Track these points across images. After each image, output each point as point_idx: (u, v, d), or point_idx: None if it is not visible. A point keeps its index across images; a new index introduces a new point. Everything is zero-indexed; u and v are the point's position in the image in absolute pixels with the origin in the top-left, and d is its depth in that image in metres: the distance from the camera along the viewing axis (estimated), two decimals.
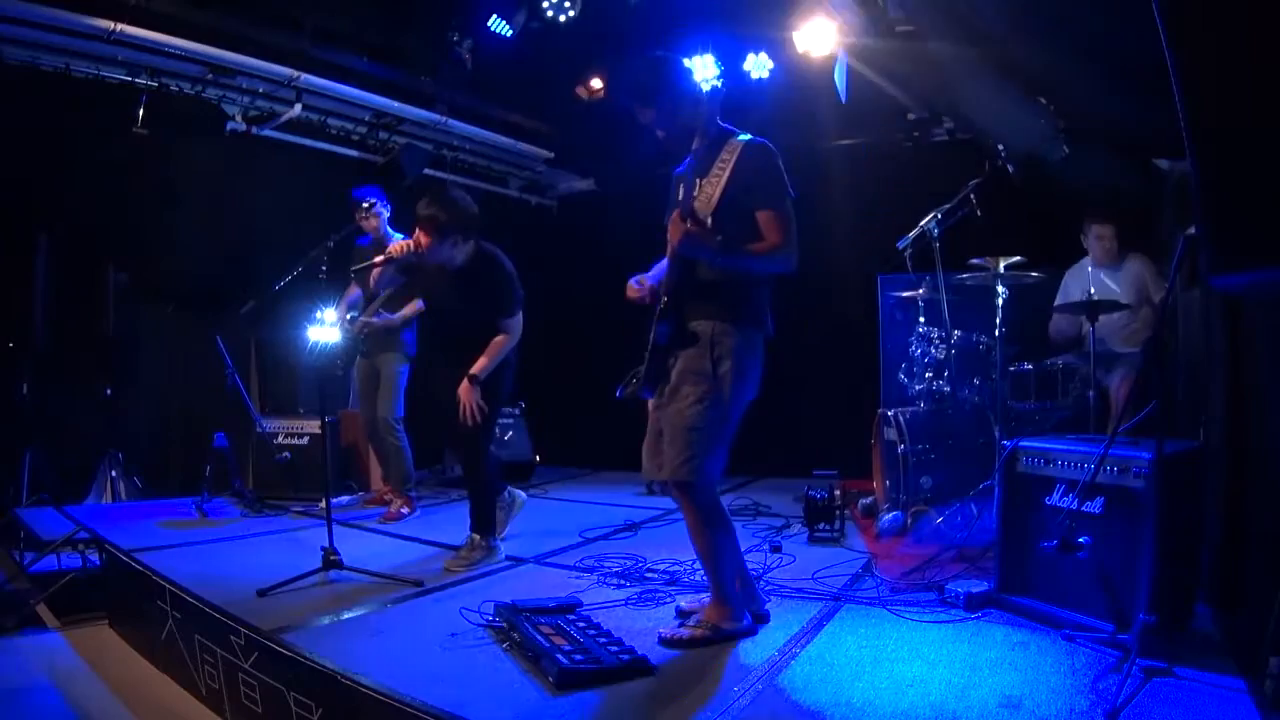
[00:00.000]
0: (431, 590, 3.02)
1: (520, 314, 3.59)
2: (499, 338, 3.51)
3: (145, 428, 5.15)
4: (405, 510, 4.54)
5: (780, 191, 2.43)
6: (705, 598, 2.72)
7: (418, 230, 3.39)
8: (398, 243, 3.51)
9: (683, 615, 2.67)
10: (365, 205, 4.51)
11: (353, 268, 3.96)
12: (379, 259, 3.53)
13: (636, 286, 2.63)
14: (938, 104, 5.33)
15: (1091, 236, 4.27)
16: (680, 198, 2.53)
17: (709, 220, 2.42)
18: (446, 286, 3.56)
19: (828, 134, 5.76)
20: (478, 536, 3.51)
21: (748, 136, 2.49)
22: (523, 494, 4.02)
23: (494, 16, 5.03)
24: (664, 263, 2.59)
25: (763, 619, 2.64)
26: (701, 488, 2.44)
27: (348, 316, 4.46)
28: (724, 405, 2.42)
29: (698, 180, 2.49)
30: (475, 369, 3.45)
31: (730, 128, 2.56)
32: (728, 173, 2.42)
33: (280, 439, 5.00)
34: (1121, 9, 2.70)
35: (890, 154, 5.71)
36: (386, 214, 4.71)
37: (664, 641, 2.42)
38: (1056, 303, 4.35)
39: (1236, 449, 2.56)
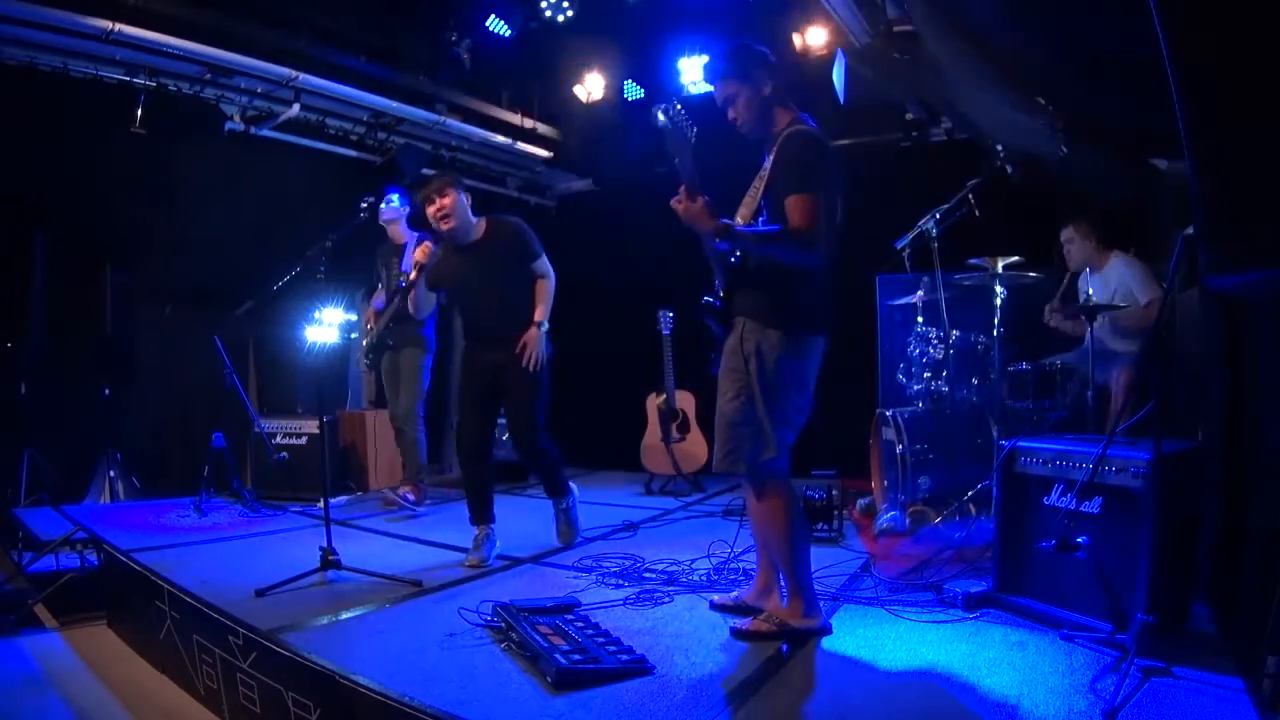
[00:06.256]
0: (430, 590, 3.02)
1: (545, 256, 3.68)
2: (541, 282, 3.62)
3: (144, 428, 5.16)
4: (409, 494, 4.63)
5: (806, 176, 2.30)
6: (736, 593, 2.77)
7: (434, 206, 3.46)
8: (422, 245, 3.53)
9: (720, 609, 2.70)
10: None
11: (396, 290, 4.02)
12: (413, 275, 3.54)
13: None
14: (936, 104, 5.33)
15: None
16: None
17: (758, 214, 2.39)
18: (470, 266, 3.59)
19: (826, 134, 5.75)
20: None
21: (794, 127, 2.40)
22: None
23: (492, 16, 5.04)
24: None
25: None
26: (758, 477, 2.42)
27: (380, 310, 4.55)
28: (756, 402, 2.36)
29: (759, 175, 2.46)
30: (537, 315, 3.55)
31: (798, 117, 2.46)
32: (770, 163, 2.40)
33: (278, 439, 5.00)
34: (1120, 8, 2.70)
35: (888, 154, 5.71)
36: (405, 213, 4.75)
37: (736, 633, 2.41)
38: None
39: (1235, 449, 2.55)
